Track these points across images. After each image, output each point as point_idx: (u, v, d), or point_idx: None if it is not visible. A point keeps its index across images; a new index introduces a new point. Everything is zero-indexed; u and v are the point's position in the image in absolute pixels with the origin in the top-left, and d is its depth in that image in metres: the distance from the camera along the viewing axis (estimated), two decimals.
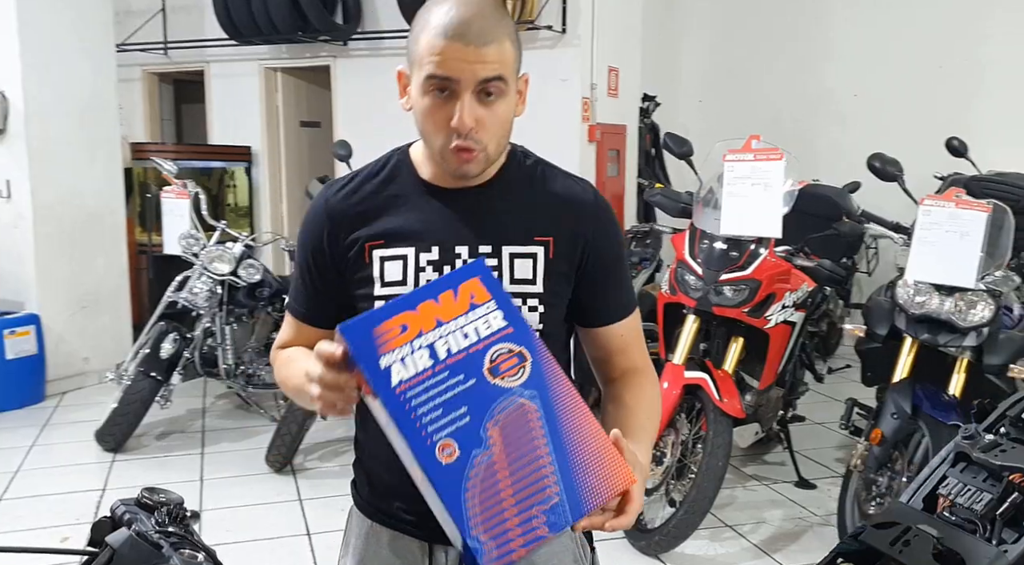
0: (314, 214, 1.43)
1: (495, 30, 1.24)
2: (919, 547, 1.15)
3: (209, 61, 6.71)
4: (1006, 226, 3.20)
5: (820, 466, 4.24)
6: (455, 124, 1.25)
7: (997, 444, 1.29)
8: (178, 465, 4.26)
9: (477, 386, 1.08)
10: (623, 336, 1.44)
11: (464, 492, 1.06)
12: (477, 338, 1.10)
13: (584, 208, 1.40)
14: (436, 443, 1.06)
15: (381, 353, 1.07)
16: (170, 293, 4.59)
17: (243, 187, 6.74)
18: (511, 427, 1.08)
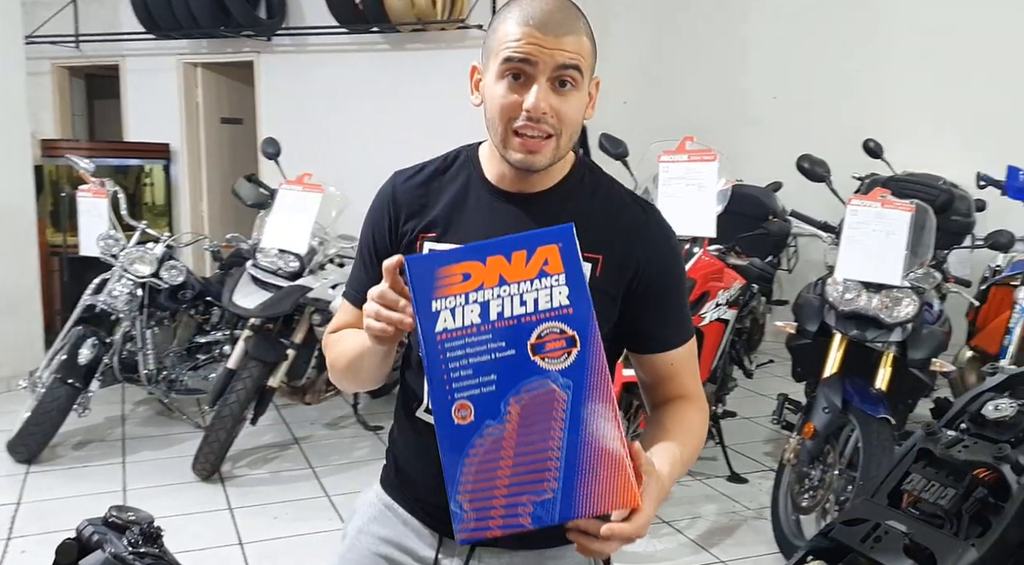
0: (382, 197, 1.44)
1: (574, 23, 1.26)
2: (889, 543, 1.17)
3: (124, 55, 6.48)
4: (928, 225, 3.32)
5: (751, 460, 4.32)
6: (528, 106, 1.24)
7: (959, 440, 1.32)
8: (98, 475, 4.09)
9: (515, 358, 1.06)
10: (673, 364, 1.41)
11: (464, 457, 1.05)
12: (534, 309, 1.07)
13: (641, 232, 1.37)
14: (455, 401, 1.05)
15: (436, 295, 1.06)
16: (87, 296, 4.41)
17: (160, 185, 6.53)
18: (533, 409, 1.05)
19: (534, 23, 1.23)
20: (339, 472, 4.16)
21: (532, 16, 1.23)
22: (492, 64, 1.28)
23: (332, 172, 4.73)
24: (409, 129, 5.67)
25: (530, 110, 1.24)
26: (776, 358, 6.08)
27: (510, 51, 1.24)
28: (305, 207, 4.17)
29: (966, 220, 4.38)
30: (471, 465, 1.05)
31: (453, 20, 5.30)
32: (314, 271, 4.29)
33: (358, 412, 4.90)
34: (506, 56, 1.24)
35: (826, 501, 3.22)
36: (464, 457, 1.05)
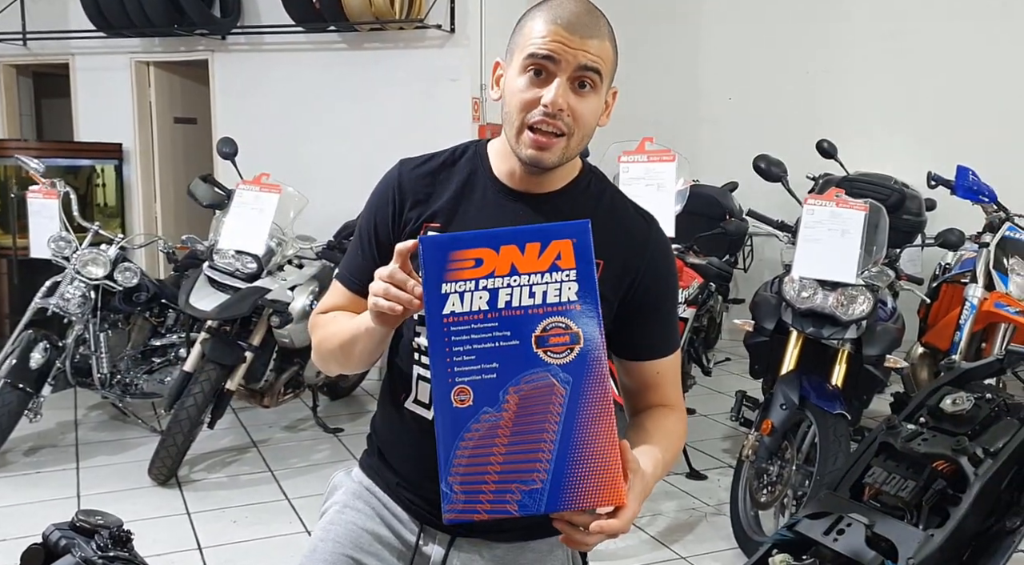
0: (386, 183, 1.45)
1: (600, 28, 1.30)
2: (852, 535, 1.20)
3: (74, 53, 6.34)
4: (881, 224, 3.39)
5: (709, 457, 4.37)
6: (547, 101, 1.26)
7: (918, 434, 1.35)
8: (51, 481, 4.00)
9: (518, 348, 1.07)
10: (660, 373, 1.43)
11: (459, 440, 1.06)
12: (542, 302, 1.08)
13: (642, 242, 1.40)
14: (455, 384, 1.07)
15: (447, 278, 1.07)
16: (39, 299, 4.32)
17: (112, 186, 6.41)
18: (530, 400, 1.07)
19: (562, 22, 1.27)
20: (298, 475, 4.12)
21: (560, 16, 1.27)
22: (516, 59, 1.31)
23: (289, 172, 4.69)
24: (367, 128, 5.63)
25: (548, 105, 1.27)
26: (733, 356, 6.16)
27: (535, 47, 1.27)
28: (263, 207, 4.13)
29: (917, 219, 4.48)
30: (465, 449, 1.07)
31: (411, 20, 5.28)
32: (272, 272, 4.25)
33: (317, 415, 4.86)
34: (531, 52, 1.28)
35: (784, 496, 3.26)
36: (459, 440, 1.07)
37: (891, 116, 6.37)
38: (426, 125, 5.45)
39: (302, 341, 4.32)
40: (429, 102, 5.46)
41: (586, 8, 1.30)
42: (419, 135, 5.41)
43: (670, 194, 3.42)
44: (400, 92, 5.52)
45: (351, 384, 5.33)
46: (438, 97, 5.44)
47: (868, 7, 6.44)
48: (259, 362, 4.29)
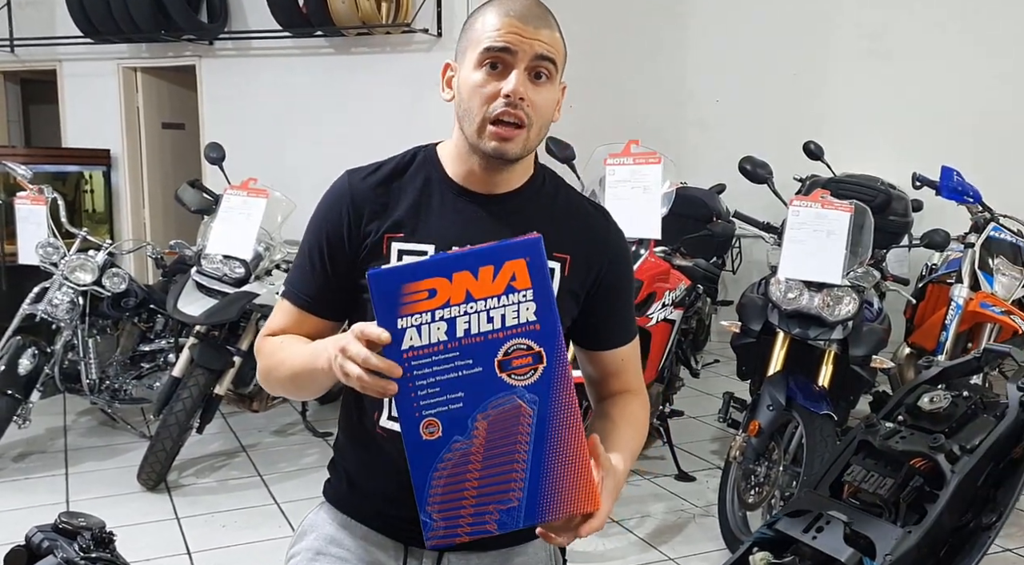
0: (336, 196, 1.40)
1: (549, 20, 1.32)
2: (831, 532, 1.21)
3: (62, 59, 6.34)
4: (867, 225, 3.40)
5: (697, 459, 4.38)
6: (508, 90, 1.26)
7: (897, 431, 1.37)
8: (40, 487, 3.99)
9: (482, 375, 1.06)
10: (623, 360, 1.46)
11: (433, 471, 1.07)
12: (501, 325, 1.07)
13: (602, 234, 1.43)
14: (423, 418, 1.06)
15: (402, 313, 1.05)
16: (27, 305, 4.30)
17: (100, 192, 6.40)
18: (499, 425, 1.07)
19: (514, 14, 1.28)
20: (288, 479, 4.12)
21: (512, 9, 1.29)
22: (470, 55, 1.30)
23: (277, 177, 4.70)
24: (354, 133, 5.64)
25: (511, 94, 1.26)
26: (721, 358, 6.18)
27: (491, 41, 1.27)
28: (250, 212, 4.13)
29: (903, 220, 4.50)
30: (440, 478, 1.07)
31: (398, 24, 5.30)
32: (260, 277, 4.25)
33: (306, 419, 4.86)
34: (486, 46, 1.28)
35: (772, 497, 3.28)
36: (433, 471, 1.07)
37: (876, 118, 6.41)
38: (414, 128, 5.44)
39: None
40: (417, 106, 5.48)
41: (534, 1, 1.33)
42: (407, 138, 5.35)
43: (656, 196, 3.43)
44: (388, 96, 5.53)
45: (339, 389, 5.32)
46: (426, 100, 5.45)
47: (853, 11, 6.48)
48: (248, 366, 4.27)
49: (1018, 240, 3.83)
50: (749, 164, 3.60)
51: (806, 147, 5.56)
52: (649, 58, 7.12)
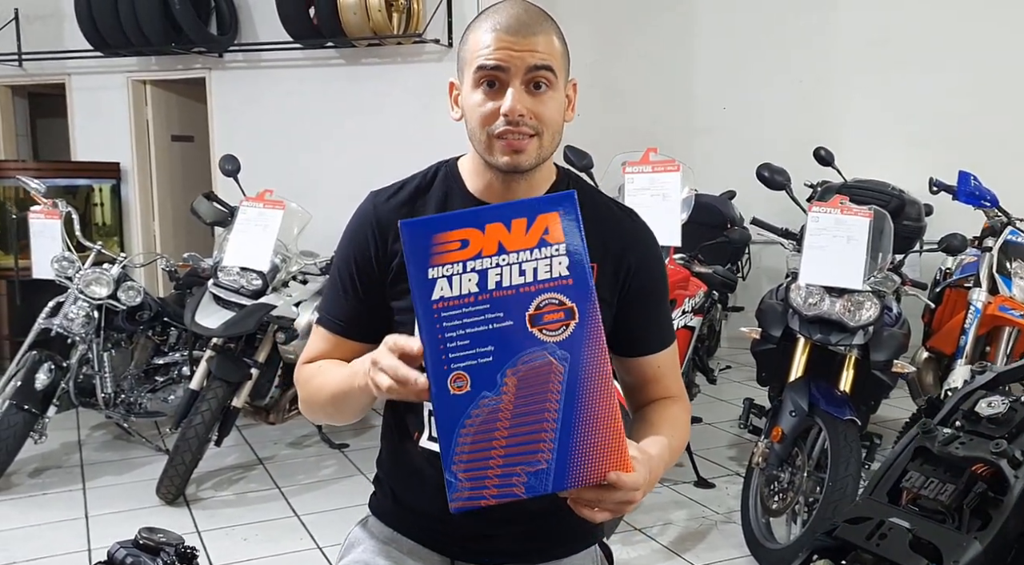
0: (361, 220, 1.40)
1: (542, 25, 1.28)
2: (895, 539, 1.20)
3: (70, 73, 6.34)
4: (886, 230, 3.41)
5: (716, 465, 4.38)
6: (505, 109, 1.25)
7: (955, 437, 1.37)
8: (58, 503, 3.98)
9: (513, 329, 1.04)
10: (660, 367, 1.43)
11: (460, 427, 1.04)
12: (533, 279, 1.04)
13: (631, 238, 1.40)
14: (451, 371, 1.03)
15: (433, 263, 1.03)
16: (42, 320, 4.30)
17: (110, 205, 6.40)
18: (529, 381, 1.04)
19: (502, 27, 1.25)
20: (307, 491, 4.11)
21: (500, 22, 1.26)
22: (467, 75, 1.29)
23: (288, 188, 4.69)
24: (366, 144, 5.65)
25: (507, 114, 1.25)
26: (734, 364, 6.18)
27: (482, 59, 1.26)
28: (267, 224, 4.13)
29: (917, 225, 4.50)
30: (466, 436, 1.04)
31: (409, 34, 5.31)
32: (277, 289, 4.25)
33: (322, 431, 4.85)
34: (479, 65, 1.26)
35: (795, 503, 3.27)
36: (460, 428, 1.04)
37: (884, 123, 6.43)
38: (425, 139, 5.45)
39: None
40: (428, 116, 5.48)
41: (524, 8, 1.29)
42: (419, 149, 5.39)
43: (675, 203, 3.44)
44: (399, 107, 5.54)
45: None
46: (437, 111, 5.43)
47: (859, 16, 6.50)
48: (264, 379, 4.28)
49: None
50: (767, 171, 3.61)
51: (816, 153, 5.55)
52: (656, 67, 7.14)
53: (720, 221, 4.77)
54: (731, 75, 6.95)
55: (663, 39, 7.09)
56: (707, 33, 7.06)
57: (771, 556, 3.22)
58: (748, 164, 3.79)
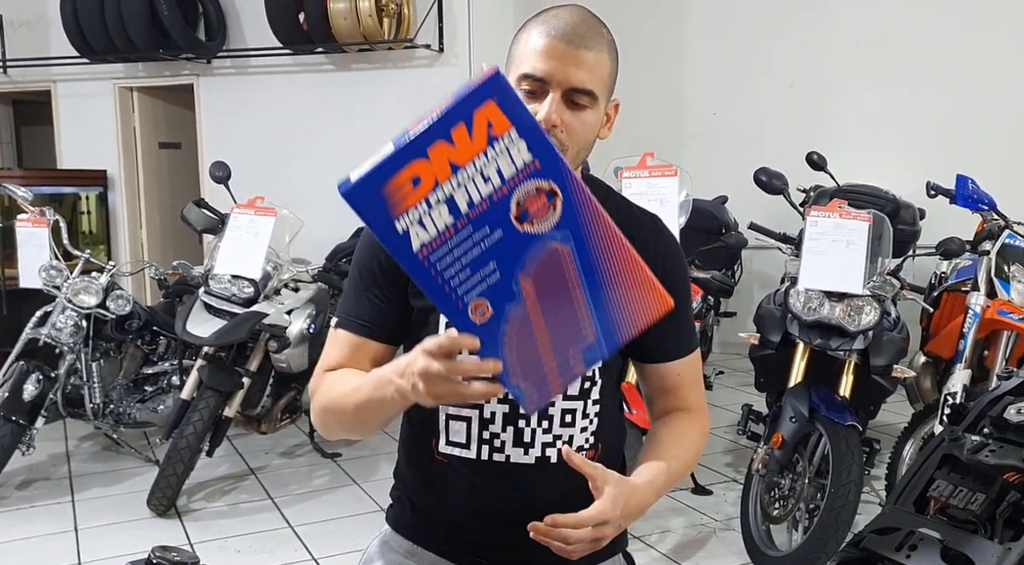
0: None
1: (597, 40, 1.26)
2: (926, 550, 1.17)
3: (56, 80, 6.27)
4: (885, 234, 3.40)
5: (713, 472, 4.35)
6: (541, 117, 1.22)
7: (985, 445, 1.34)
8: (47, 516, 3.91)
9: (505, 237, 1.00)
10: (680, 375, 1.40)
11: (502, 347, 1.02)
12: (500, 181, 0.99)
13: (656, 242, 1.37)
14: (467, 305, 1.01)
15: (396, 215, 0.98)
16: (30, 329, 4.23)
17: (96, 213, 6.33)
18: (544, 275, 1.02)
19: (556, 34, 1.23)
20: (300, 502, 4.05)
21: (556, 27, 1.24)
22: (512, 72, 1.28)
23: (278, 195, 4.63)
24: (357, 150, 5.53)
25: (542, 121, 1.22)
26: (727, 369, 6.17)
27: (528, 67, 1.25)
28: (258, 231, 4.08)
29: (912, 229, 4.51)
30: (511, 350, 1.03)
31: (400, 40, 5.27)
32: (269, 297, 4.20)
33: (314, 440, 4.79)
34: (524, 72, 1.25)
35: (797, 510, 3.25)
36: (502, 347, 1.02)
37: (875, 127, 6.43)
38: None
39: (299, 365, 4.27)
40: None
41: (582, 18, 1.27)
42: None
43: (673, 208, 3.41)
44: (390, 112, 5.50)
45: None
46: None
47: (850, 20, 6.51)
48: (256, 388, 4.23)
49: None
50: (764, 175, 3.59)
51: (809, 158, 5.54)
52: (647, 72, 7.13)
53: (715, 226, 4.76)
54: (722, 80, 6.95)
55: (654, 44, 7.08)
56: (698, 38, 7.06)
57: (773, 563, 3.19)
58: (740, 169, 3.78)
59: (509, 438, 1.32)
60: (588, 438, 1.36)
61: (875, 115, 6.44)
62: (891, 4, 6.35)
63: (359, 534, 3.50)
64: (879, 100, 6.42)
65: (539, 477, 1.31)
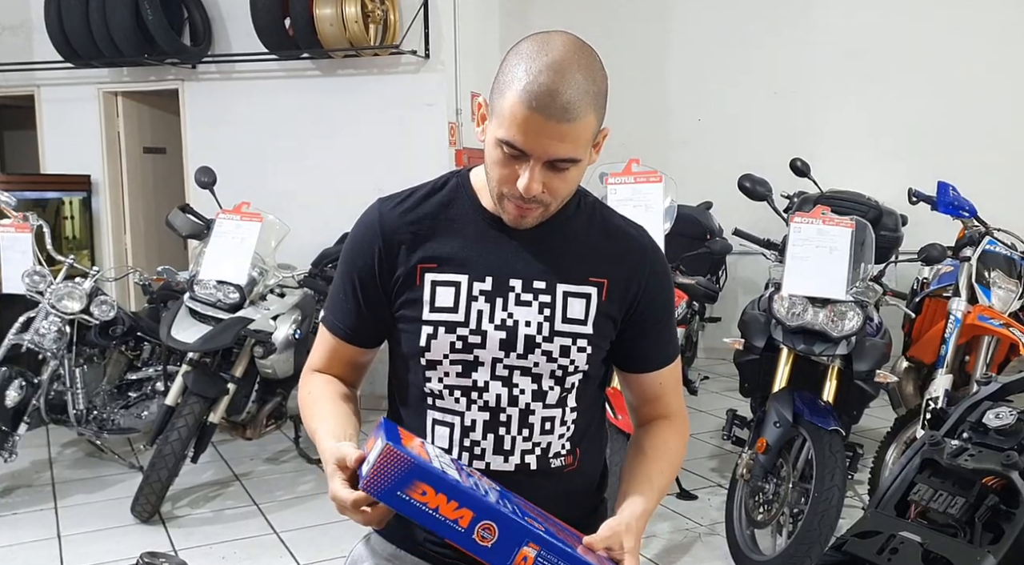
0: (366, 227, 1.38)
1: (580, 105, 1.19)
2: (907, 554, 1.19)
3: (40, 84, 6.24)
4: (868, 241, 3.43)
5: (697, 477, 4.37)
6: (520, 188, 1.23)
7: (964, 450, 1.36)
8: (29, 522, 3.89)
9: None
10: (662, 384, 1.43)
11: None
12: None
13: (640, 254, 1.39)
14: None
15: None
16: (12, 335, 4.20)
17: (80, 218, 6.29)
18: None
19: (537, 106, 1.18)
20: (285, 508, 4.04)
21: (538, 96, 1.17)
22: (493, 124, 1.25)
23: (264, 201, 4.63)
24: (343, 155, 5.61)
25: (522, 191, 1.24)
26: (711, 374, 6.20)
27: (508, 134, 1.21)
28: (244, 236, 4.08)
29: (894, 235, 4.54)
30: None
31: (386, 46, 5.27)
32: (254, 302, 4.19)
33: (299, 445, 4.78)
34: (502, 137, 1.22)
35: (781, 514, 3.27)
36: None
37: (859, 134, 6.49)
38: (403, 150, 5.43)
39: (285, 371, 4.26)
40: (405, 127, 5.45)
41: (570, 78, 1.19)
42: (396, 161, 5.41)
43: (658, 214, 3.43)
44: (376, 118, 5.51)
45: None
46: (414, 122, 5.43)
47: (834, 28, 6.56)
48: (241, 394, 4.21)
49: (1012, 253, 3.86)
50: (749, 181, 3.62)
51: (792, 164, 5.57)
52: (631, 78, 7.15)
53: (700, 232, 4.78)
54: (707, 87, 6.99)
55: (638, 52, 7.11)
56: (682, 46, 7.10)
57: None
58: (724, 176, 3.79)
59: (489, 446, 1.34)
60: (565, 444, 1.38)
61: (858, 122, 6.50)
62: (873, 13, 6.41)
63: (344, 540, 3.49)
64: (862, 108, 6.48)
65: (518, 484, 1.32)
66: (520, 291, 1.32)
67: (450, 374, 1.33)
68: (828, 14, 6.59)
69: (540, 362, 1.32)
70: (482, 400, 1.33)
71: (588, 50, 1.25)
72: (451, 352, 1.32)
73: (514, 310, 1.32)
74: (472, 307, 1.31)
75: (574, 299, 1.33)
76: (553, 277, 1.33)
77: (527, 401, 1.33)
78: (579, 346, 1.33)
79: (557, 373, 1.33)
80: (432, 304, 1.32)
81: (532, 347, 1.32)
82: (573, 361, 1.33)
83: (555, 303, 1.33)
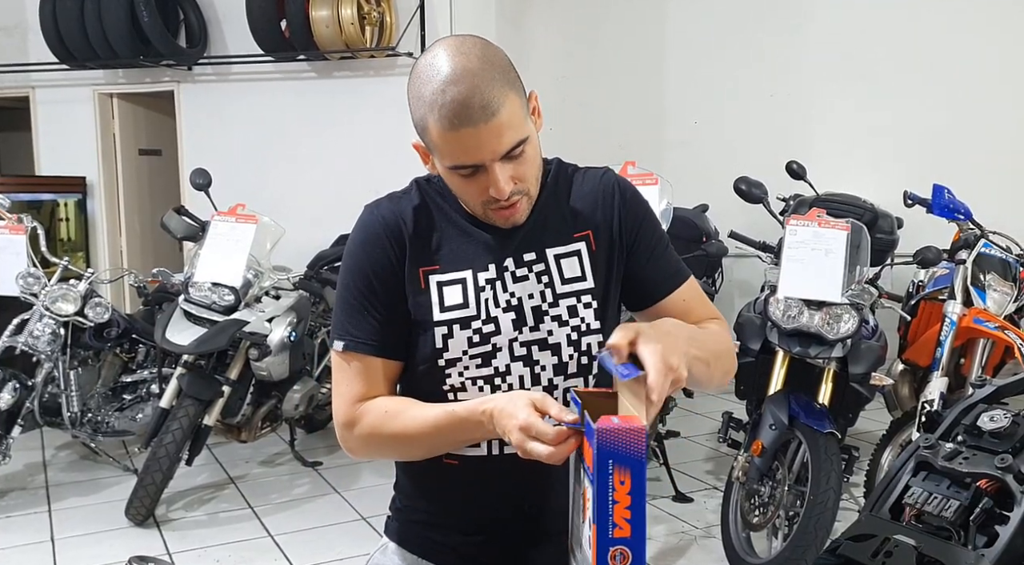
0: (371, 231, 1.35)
1: (496, 94, 1.19)
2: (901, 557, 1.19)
3: (35, 86, 6.23)
4: (863, 243, 3.43)
5: (693, 479, 4.36)
6: (494, 194, 1.24)
7: (958, 452, 1.35)
8: (22, 525, 3.88)
9: None
10: (686, 301, 1.40)
11: None
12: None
13: (608, 192, 1.39)
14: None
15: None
16: (6, 337, 4.19)
17: (75, 220, 6.27)
18: None
19: (460, 121, 1.18)
20: (280, 511, 4.03)
21: (454, 115, 1.18)
22: (437, 158, 1.27)
23: (260, 203, 4.62)
24: (339, 158, 5.60)
25: (499, 196, 1.25)
26: None
27: (453, 160, 1.23)
28: (239, 239, 4.07)
29: (889, 238, 4.54)
30: None
31: (382, 48, 5.27)
32: (250, 304, 4.18)
33: (295, 448, 4.77)
34: (451, 164, 1.24)
35: (776, 517, 3.27)
36: None
37: (855, 137, 6.49)
38: (398, 153, 5.38)
39: (280, 373, 4.25)
40: (401, 130, 5.40)
41: (470, 83, 1.18)
42: (391, 163, 5.36)
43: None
44: (371, 120, 5.50)
45: (328, 416, 5.24)
46: (410, 125, 5.40)
47: (831, 30, 6.57)
48: (236, 396, 4.20)
49: (1007, 256, 3.87)
50: (744, 184, 3.62)
51: (788, 167, 5.57)
52: (626, 80, 7.17)
53: (696, 235, 4.78)
54: (703, 89, 6.99)
55: (633, 53, 7.11)
56: (679, 47, 7.10)
57: None
58: (720, 178, 3.79)
59: None
60: None
61: (854, 125, 6.50)
62: (871, 15, 6.41)
63: (340, 543, 3.49)
64: (858, 110, 6.48)
65: (550, 467, 1.31)
66: (514, 269, 1.34)
67: (470, 367, 1.33)
68: (827, 17, 6.60)
69: (553, 329, 1.33)
70: (505, 384, 1.32)
71: (469, 42, 1.25)
72: (469, 347, 1.32)
73: (515, 288, 1.33)
74: (481, 298, 1.32)
75: (566, 259, 1.36)
76: (540, 245, 1.35)
77: (549, 377, 1.33)
78: (584, 302, 1.34)
79: (572, 337, 1.33)
80: (442, 304, 1.32)
81: (541, 316, 1.33)
82: (584, 319, 1.34)
83: (550, 269, 1.35)
